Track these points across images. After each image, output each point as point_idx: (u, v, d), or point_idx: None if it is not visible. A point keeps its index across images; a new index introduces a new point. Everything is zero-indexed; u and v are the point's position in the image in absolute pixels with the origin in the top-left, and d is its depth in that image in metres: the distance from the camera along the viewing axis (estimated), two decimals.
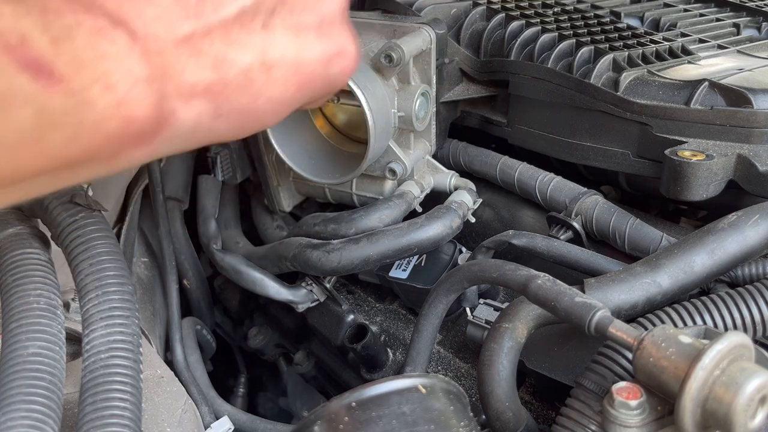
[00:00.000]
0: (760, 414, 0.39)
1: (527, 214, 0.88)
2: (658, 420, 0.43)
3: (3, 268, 0.53)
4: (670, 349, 0.42)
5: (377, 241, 0.79)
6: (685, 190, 0.67)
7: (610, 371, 0.49)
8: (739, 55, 0.84)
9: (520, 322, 0.57)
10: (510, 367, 0.56)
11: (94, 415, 0.45)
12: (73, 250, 0.53)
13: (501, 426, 0.56)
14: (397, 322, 0.88)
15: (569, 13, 0.94)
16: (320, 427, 0.40)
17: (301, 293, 0.91)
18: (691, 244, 0.59)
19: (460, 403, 0.43)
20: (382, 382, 0.41)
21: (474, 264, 0.63)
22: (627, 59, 0.79)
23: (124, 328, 0.50)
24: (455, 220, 0.82)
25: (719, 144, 0.69)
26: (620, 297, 0.57)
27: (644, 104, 0.73)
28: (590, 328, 0.48)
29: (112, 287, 0.51)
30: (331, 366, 0.96)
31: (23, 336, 0.47)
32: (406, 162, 0.85)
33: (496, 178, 0.89)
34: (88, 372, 0.48)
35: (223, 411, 0.88)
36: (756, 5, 1.03)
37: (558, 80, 0.81)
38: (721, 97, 0.70)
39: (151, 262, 1.00)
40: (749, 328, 0.52)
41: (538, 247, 0.73)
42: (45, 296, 0.51)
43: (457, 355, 0.80)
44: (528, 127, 0.88)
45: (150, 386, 0.65)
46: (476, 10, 0.93)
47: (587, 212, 0.77)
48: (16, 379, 0.45)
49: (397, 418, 0.39)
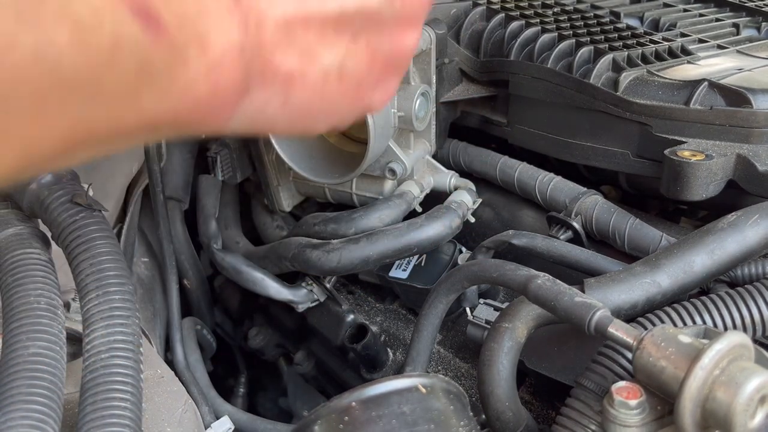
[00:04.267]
0: (760, 414, 0.39)
1: (527, 214, 0.88)
2: (657, 420, 0.43)
3: (4, 267, 0.53)
4: (669, 348, 0.42)
5: (377, 241, 0.79)
6: (685, 190, 0.67)
7: (610, 371, 0.49)
8: (739, 55, 0.84)
9: (520, 322, 0.57)
10: (510, 367, 0.56)
11: (94, 415, 0.45)
12: (73, 250, 0.53)
13: (501, 426, 0.56)
14: (397, 322, 0.88)
15: (569, 13, 0.94)
16: (320, 427, 0.40)
17: (302, 293, 0.91)
18: (691, 244, 0.59)
19: (460, 403, 0.43)
20: (382, 382, 0.41)
21: (474, 264, 0.63)
22: (627, 59, 0.79)
23: (125, 328, 0.50)
24: (455, 220, 0.82)
25: (719, 144, 0.69)
26: (620, 297, 0.57)
27: (644, 104, 0.73)
28: (590, 327, 0.48)
29: (112, 287, 0.51)
30: (331, 366, 0.96)
31: (24, 336, 0.47)
32: (406, 162, 0.85)
33: (496, 178, 0.89)
34: (88, 372, 0.48)
35: (224, 411, 0.88)
36: (756, 5, 1.03)
37: (558, 80, 0.81)
38: (720, 97, 0.70)
39: (152, 262, 1.00)
40: (749, 327, 0.52)
41: (538, 247, 0.73)
42: (45, 296, 0.51)
43: (457, 355, 0.80)
44: (528, 127, 0.88)
45: (150, 386, 0.65)
46: (476, 11, 0.93)
47: (587, 212, 0.77)
48: (17, 379, 0.45)
49: (397, 418, 0.39)
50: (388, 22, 0.38)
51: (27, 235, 0.56)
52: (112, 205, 0.91)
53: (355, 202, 0.92)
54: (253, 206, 1.06)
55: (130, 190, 0.96)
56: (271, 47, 0.32)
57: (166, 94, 0.28)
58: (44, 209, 0.56)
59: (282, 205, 0.98)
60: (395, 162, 0.85)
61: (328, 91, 0.37)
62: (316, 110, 0.37)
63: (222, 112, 0.31)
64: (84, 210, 0.55)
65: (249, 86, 0.32)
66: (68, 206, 0.55)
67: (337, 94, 0.37)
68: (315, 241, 0.84)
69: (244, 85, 0.31)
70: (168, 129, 0.30)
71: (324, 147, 0.91)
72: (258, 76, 0.32)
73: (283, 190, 0.97)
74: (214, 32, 0.28)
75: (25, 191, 0.57)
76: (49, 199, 0.56)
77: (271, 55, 0.32)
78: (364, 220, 0.83)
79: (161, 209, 0.92)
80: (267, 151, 0.92)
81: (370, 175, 0.88)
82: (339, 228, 0.84)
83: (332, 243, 0.82)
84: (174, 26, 0.26)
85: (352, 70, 0.37)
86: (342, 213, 0.86)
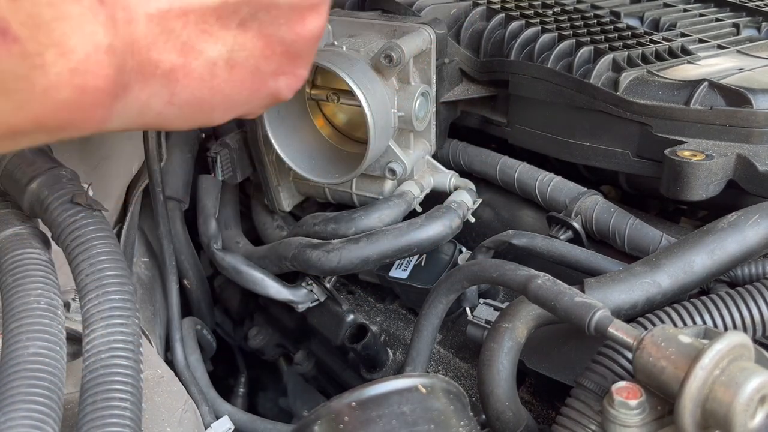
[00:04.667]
0: (760, 414, 0.39)
1: (527, 214, 0.88)
2: (657, 420, 0.43)
3: (3, 268, 0.53)
4: (669, 348, 0.42)
5: (377, 240, 0.79)
6: (685, 190, 0.67)
7: (610, 371, 0.49)
8: (739, 55, 0.84)
9: (520, 322, 0.57)
10: (510, 367, 0.56)
11: (94, 415, 0.45)
12: (73, 250, 0.53)
13: (501, 426, 0.56)
14: (397, 322, 0.88)
15: (569, 13, 0.94)
16: (320, 427, 0.40)
17: (302, 293, 0.91)
18: (691, 244, 0.59)
19: (460, 403, 0.43)
20: (382, 381, 0.41)
21: (474, 264, 0.63)
22: (627, 59, 0.79)
23: (125, 328, 0.50)
24: (455, 220, 0.82)
25: (719, 144, 0.69)
26: (620, 297, 0.57)
27: (644, 104, 0.73)
28: (590, 327, 0.48)
29: (112, 287, 0.51)
30: (331, 366, 0.96)
31: (24, 336, 0.47)
32: (406, 162, 0.85)
33: (496, 178, 0.89)
34: (88, 372, 0.48)
35: (224, 411, 0.88)
36: (756, 5, 1.03)
37: (558, 80, 0.81)
38: (720, 97, 0.70)
39: (152, 262, 1.00)
40: (749, 327, 0.52)
41: (538, 247, 0.73)
42: (45, 296, 0.51)
43: (457, 355, 0.80)
44: (528, 127, 0.88)
45: (150, 386, 0.65)
46: (476, 10, 0.93)
47: (587, 212, 0.77)
48: (17, 379, 0.45)
49: (397, 418, 0.39)
50: (282, 9, 0.37)
51: (27, 235, 0.56)
52: (112, 205, 0.91)
53: (355, 202, 0.92)
54: (253, 206, 1.06)
55: (130, 190, 0.96)
56: (147, 43, 0.31)
57: (24, 102, 0.27)
58: (44, 209, 0.56)
59: (282, 205, 0.98)
60: (395, 162, 0.85)
61: (219, 83, 0.36)
62: (209, 103, 0.36)
63: (95, 112, 0.30)
64: (84, 210, 0.55)
65: (127, 84, 0.31)
66: (68, 206, 0.55)
67: (229, 84, 0.36)
68: (315, 241, 0.84)
69: (118, 83, 0.30)
70: (37, 134, 0.30)
71: (324, 147, 0.91)
72: (136, 73, 0.31)
73: (283, 190, 0.97)
74: (75, 35, 0.27)
75: (25, 191, 0.57)
76: (49, 199, 0.56)
77: (147, 52, 0.31)
78: (364, 220, 0.83)
79: (161, 209, 0.92)
80: (267, 151, 0.92)
81: (370, 175, 0.88)
82: (339, 228, 0.84)
83: (332, 243, 0.82)
84: (25, 35, 0.26)
85: (244, 59, 0.36)
86: (342, 213, 0.86)
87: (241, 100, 0.39)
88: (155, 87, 0.33)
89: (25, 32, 0.26)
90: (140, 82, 0.32)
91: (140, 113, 0.34)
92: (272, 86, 0.40)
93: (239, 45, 0.36)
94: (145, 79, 0.32)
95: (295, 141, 0.88)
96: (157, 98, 0.33)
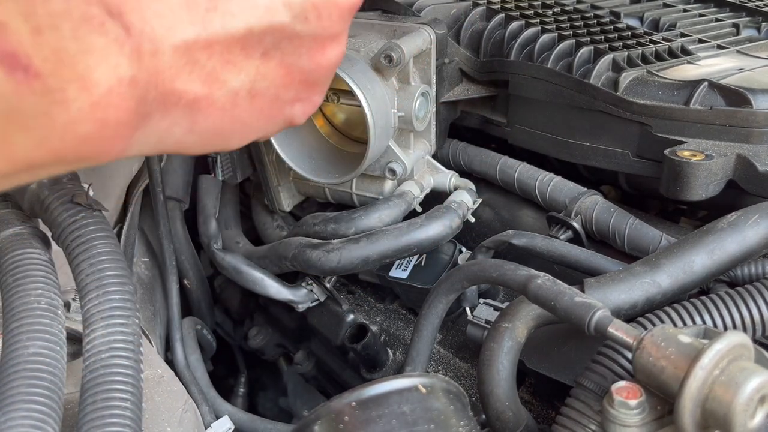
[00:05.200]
0: (760, 414, 0.39)
1: (527, 214, 0.88)
2: (657, 420, 0.43)
3: (4, 268, 0.53)
4: (669, 348, 0.42)
5: (377, 240, 0.79)
6: (685, 190, 0.67)
7: (609, 371, 0.49)
8: (739, 55, 0.84)
9: (520, 321, 0.57)
10: (510, 367, 0.56)
11: (94, 414, 0.45)
12: (73, 250, 0.53)
13: (501, 426, 0.56)
14: (397, 322, 0.89)
15: (569, 14, 0.94)
16: (320, 427, 0.40)
17: (302, 293, 0.91)
18: (691, 244, 0.59)
19: (460, 403, 0.43)
20: (382, 381, 0.41)
21: (474, 264, 0.63)
22: (626, 59, 0.79)
23: (125, 328, 0.50)
24: (455, 220, 0.82)
25: (719, 144, 0.69)
26: (620, 297, 0.57)
27: (644, 104, 0.73)
28: (590, 327, 0.48)
29: (112, 287, 0.51)
30: (331, 366, 0.96)
31: (24, 336, 0.47)
32: (406, 162, 0.85)
33: (496, 178, 0.89)
34: (88, 372, 0.48)
35: (224, 411, 0.88)
36: (756, 5, 1.03)
37: (558, 80, 0.81)
38: (720, 97, 0.70)
39: (152, 262, 1.00)
40: (749, 327, 0.52)
41: (538, 247, 0.73)
42: (46, 296, 0.51)
43: (457, 355, 0.80)
44: (528, 127, 0.88)
45: (150, 386, 0.65)
46: (476, 11, 0.93)
47: (587, 212, 0.77)
48: (17, 378, 0.45)
49: (397, 418, 0.39)
50: (304, 39, 0.37)
51: (27, 235, 0.56)
52: (112, 205, 0.91)
53: (355, 202, 0.92)
54: (253, 206, 1.06)
55: (130, 190, 0.96)
56: (171, 74, 0.31)
57: (44, 137, 0.27)
58: (44, 209, 0.56)
59: (282, 205, 0.98)
60: (395, 162, 0.85)
61: (239, 112, 0.36)
62: (228, 130, 0.36)
63: (114, 144, 0.30)
64: (84, 210, 0.55)
65: (148, 114, 0.31)
66: (68, 206, 0.55)
67: (249, 113, 0.36)
68: (315, 241, 0.84)
69: (138, 114, 0.30)
70: (55, 167, 0.30)
71: (324, 147, 0.91)
72: (158, 104, 0.31)
73: (283, 190, 0.97)
74: (99, 68, 0.27)
75: (25, 191, 0.58)
76: (50, 199, 0.56)
77: (171, 82, 0.31)
78: (364, 220, 0.83)
79: (161, 209, 0.92)
80: (267, 151, 0.92)
81: (370, 175, 0.88)
82: (339, 228, 0.84)
83: (332, 243, 0.82)
84: (48, 70, 0.25)
85: (265, 88, 0.36)
86: (342, 213, 0.86)
87: (259, 127, 0.39)
88: (177, 117, 0.33)
89: (47, 67, 0.25)
90: (162, 111, 0.32)
91: (159, 141, 0.33)
92: (288, 113, 0.40)
93: (261, 75, 0.36)
94: (167, 109, 0.32)
95: (295, 141, 0.88)
96: (178, 127, 0.34)
